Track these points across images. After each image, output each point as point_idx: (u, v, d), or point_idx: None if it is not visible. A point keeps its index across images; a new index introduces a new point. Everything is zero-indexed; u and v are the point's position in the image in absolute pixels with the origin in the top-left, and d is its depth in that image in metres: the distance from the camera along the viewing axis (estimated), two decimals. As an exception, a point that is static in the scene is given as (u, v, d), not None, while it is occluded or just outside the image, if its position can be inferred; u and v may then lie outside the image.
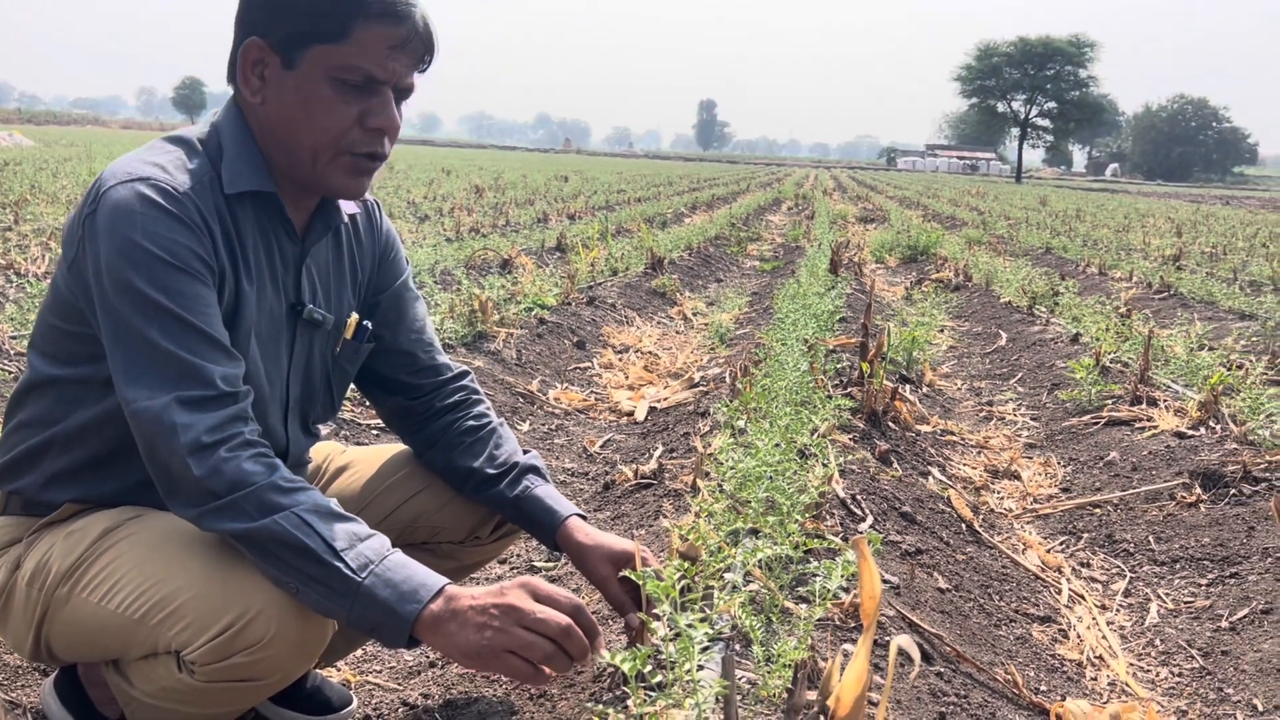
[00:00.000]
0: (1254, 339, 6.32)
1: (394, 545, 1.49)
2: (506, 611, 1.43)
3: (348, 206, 1.79)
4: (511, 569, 2.89)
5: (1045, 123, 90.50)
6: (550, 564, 2.86)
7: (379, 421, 3.54)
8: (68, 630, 1.56)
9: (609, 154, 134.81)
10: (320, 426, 1.91)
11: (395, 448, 2.01)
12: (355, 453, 2.04)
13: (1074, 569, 3.18)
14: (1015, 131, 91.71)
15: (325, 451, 2.04)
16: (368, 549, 1.44)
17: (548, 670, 1.45)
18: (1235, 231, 19.07)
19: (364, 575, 1.41)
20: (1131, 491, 3.65)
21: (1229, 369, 4.67)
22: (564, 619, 1.45)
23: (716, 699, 1.48)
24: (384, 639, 1.46)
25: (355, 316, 1.81)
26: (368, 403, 2.02)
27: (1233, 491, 3.42)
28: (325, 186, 1.61)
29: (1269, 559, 2.92)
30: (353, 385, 1.92)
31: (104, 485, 1.63)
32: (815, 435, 3.10)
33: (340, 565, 1.40)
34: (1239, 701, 2.35)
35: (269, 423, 1.69)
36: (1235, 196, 58.53)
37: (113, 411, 1.51)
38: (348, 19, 1.50)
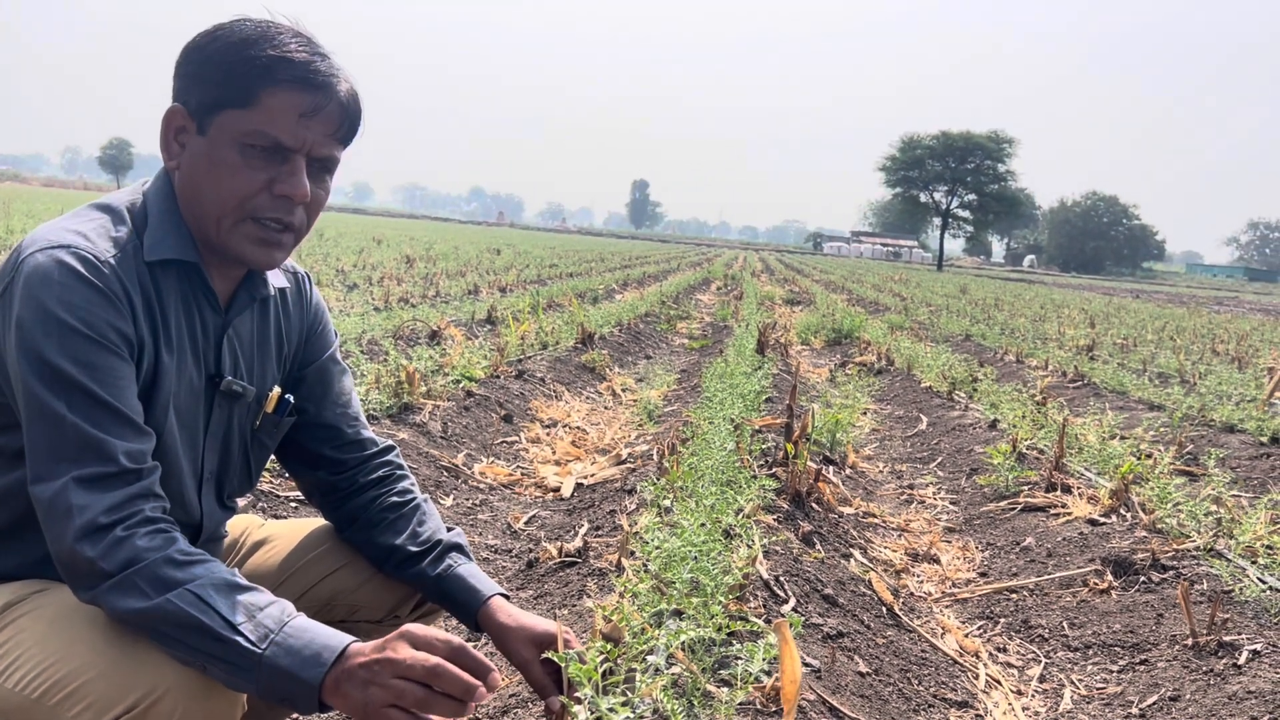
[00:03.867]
0: (1162, 429, 6.54)
1: None
2: (384, 665, 1.39)
3: (276, 279, 1.78)
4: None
5: (966, 213, 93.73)
6: (471, 643, 2.81)
7: (299, 493, 3.48)
8: (-38, 711, 1.49)
9: (542, 229, 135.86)
10: (237, 499, 1.87)
11: (315, 522, 1.97)
12: (274, 527, 2.00)
13: (991, 654, 3.22)
14: (937, 221, 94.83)
15: (243, 525, 1.99)
16: (267, 618, 1.40)
17: (432, 718, 1.41)
18: (1145, 324, 19.85)
19: (264, 646, 1.37)
20: (1047, 577, 3.72)
21: (1139, 458, 4.82)
22: (432, 659, 1.39)
23: (636, 786, 1.46)
24: (298, 708, 1.42)
25: (277, 390, 1.79)
26: (287, 474, 1.98)
27: (1142, 579, 3.52)
28: (233, 254, 1.59)
29: (1176, 646, 3.00)
30: (272, 457, 1.89)
31: (11, 558, 1.57)
32: (740, 515, 3.11)
33: (239, 639, 1.37)
34: (1149, 789, 2.39)
35: (183, 495, 1.65)
36: (1145, 290, 61.08)
37: (22, 482, 1.47)
38: (255, 84, 1.50)
